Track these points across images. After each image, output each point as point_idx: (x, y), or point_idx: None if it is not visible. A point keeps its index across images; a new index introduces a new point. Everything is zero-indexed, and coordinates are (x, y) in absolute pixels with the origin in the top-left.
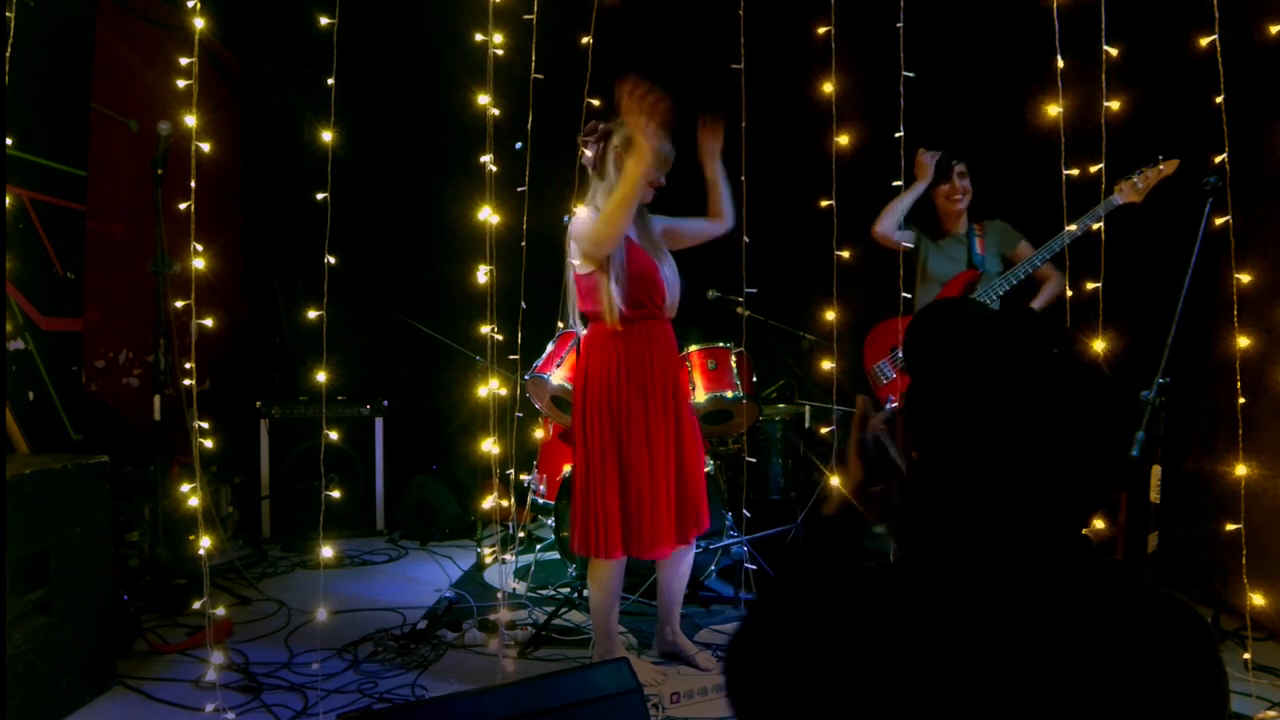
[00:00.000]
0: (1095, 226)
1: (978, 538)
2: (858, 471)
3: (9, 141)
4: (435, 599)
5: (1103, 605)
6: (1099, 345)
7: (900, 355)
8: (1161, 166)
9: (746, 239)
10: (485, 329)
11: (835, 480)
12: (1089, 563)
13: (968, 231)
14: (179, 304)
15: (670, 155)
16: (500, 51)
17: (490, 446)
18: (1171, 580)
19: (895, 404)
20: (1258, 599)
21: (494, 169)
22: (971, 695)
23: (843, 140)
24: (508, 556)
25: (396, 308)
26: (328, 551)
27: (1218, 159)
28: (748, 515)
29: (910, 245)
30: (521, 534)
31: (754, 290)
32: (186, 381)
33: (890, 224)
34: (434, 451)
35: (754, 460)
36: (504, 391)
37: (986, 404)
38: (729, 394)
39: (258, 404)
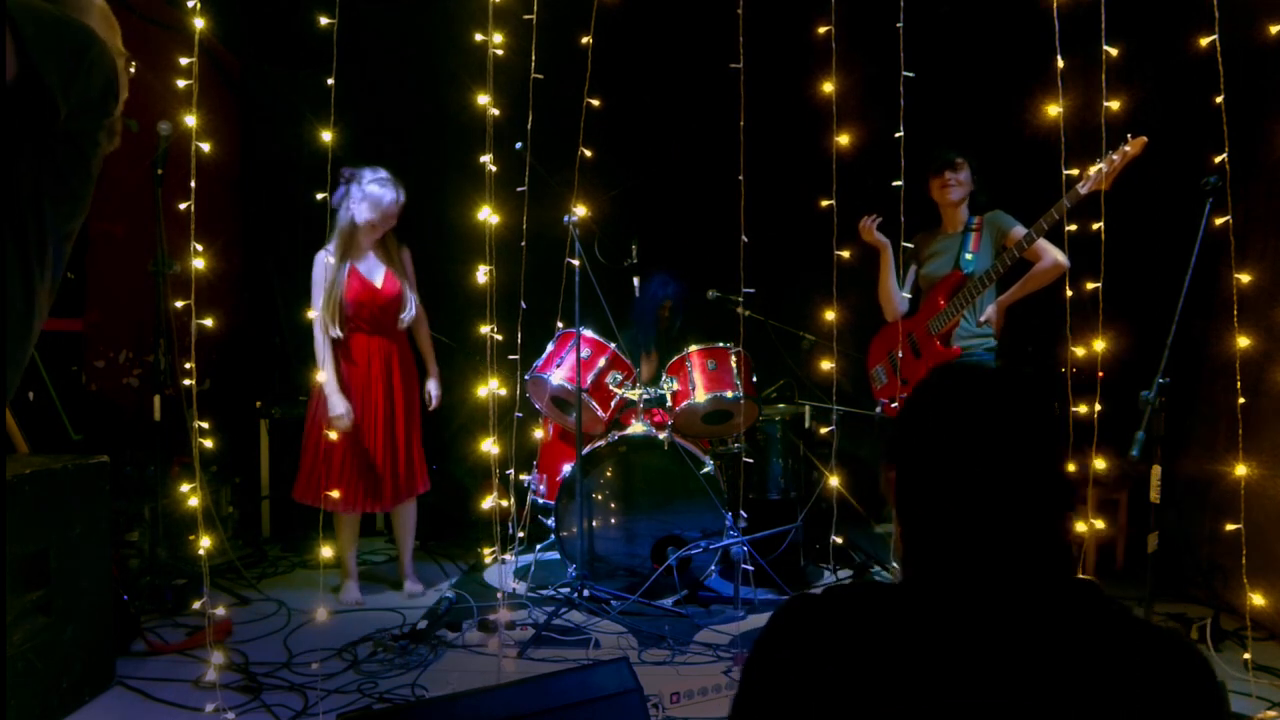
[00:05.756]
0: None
1: (938, 557)
2: None
3: None
4: (435, 599)
5: (1068, 615)
6: (1099, 345)
7: (896, 357)
8: (1128, 147)
9: (746, 239)
10: (485, 329)
11: (834, 480)
12: (1054, 578)
13: (965, 228)
14: (179, 304)
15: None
16: (500, 51)
17: (490, 446)
18: (1171, 580)
19: (893, 407)
20: (1258, 599)
21: (494, 169)
22: (936, 708)
23: (843, 140)
24: (508, 556)
25: None
26: (327, 551)
27: (1218, 159)
28: (746, 515)
29: (912, 263)
30: (521, 534)
31: (753, 290)
32: (186, 381)
33: (893, 310)
34: (434, 451)
35: (753, 460)
36: (504, 391)
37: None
38: (729, 394)
39: (258, 404)
